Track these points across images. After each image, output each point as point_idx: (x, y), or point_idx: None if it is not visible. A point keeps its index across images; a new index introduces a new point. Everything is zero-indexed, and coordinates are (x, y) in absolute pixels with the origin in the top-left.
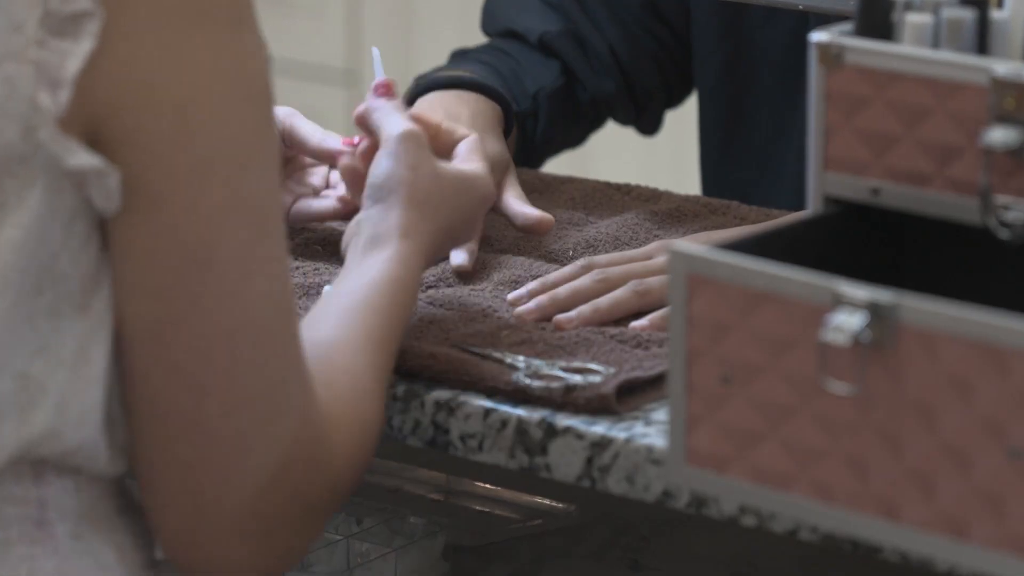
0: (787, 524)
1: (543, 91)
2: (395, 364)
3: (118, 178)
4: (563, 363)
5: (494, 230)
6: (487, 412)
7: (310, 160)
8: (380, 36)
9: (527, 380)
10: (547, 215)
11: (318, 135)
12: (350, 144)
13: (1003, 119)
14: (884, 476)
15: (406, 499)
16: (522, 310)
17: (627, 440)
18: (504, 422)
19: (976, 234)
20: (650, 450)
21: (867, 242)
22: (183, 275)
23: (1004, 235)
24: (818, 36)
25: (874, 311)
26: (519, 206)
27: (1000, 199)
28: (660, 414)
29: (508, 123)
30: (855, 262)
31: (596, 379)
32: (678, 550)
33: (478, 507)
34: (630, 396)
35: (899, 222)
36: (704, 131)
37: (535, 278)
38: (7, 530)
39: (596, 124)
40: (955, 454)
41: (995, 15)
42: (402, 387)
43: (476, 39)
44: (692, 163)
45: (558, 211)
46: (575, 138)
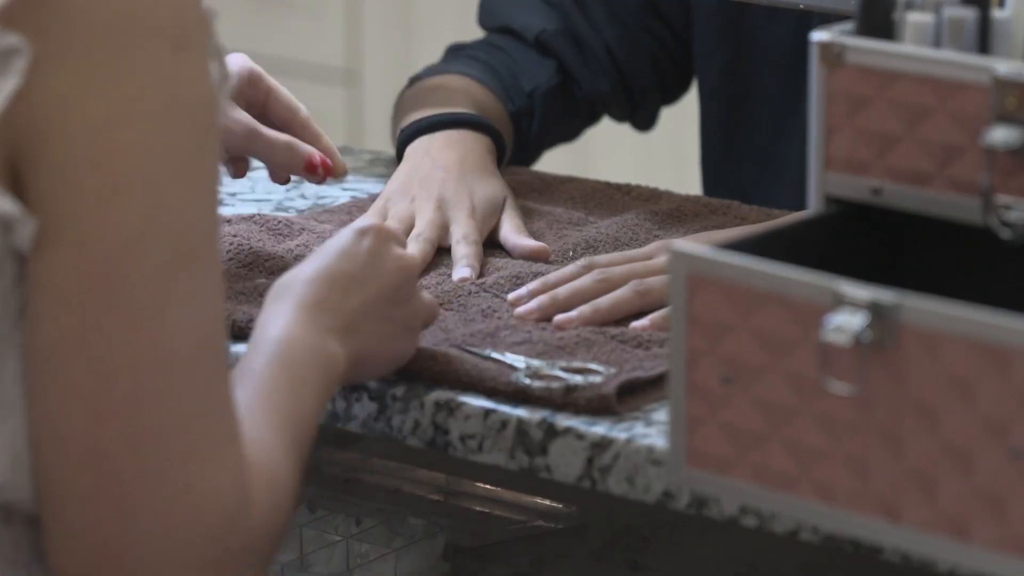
0: (788, 525)
1: (539, 90)
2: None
3: (33, 226)
4: (563, 363)
5: (494, 230)
6: (487, 413)
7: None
8: (380, 35)
9: (527, 380)
10: (542, 246)
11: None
12: (311, 170)
13: (1004, 119)
14: (885, 476)
15: (406, 500)
16: (523, 310)
17: (628, 441)
18: (504, 423)
19: (977, 234)
20: (651, 451)
21: (868, 242)
22: (88, 296)
23: (1005, 235)
24: (819, 35)
25: (875, 311)
26: (516, 239)
27: (1001, 199)
28: (661, 414)
29: (501, 150)
30: (856, 262)
31: (596, 379)
32: (678, 551)
33: (478, 508)
34: (631, 396)
35: (900, 222)
36: (705, 131)
37: (535, 278)
38: None
39: (591, 121)
40: (956, 454)
41: (996, 14)
42: (402, 387)
43: (476, 38)
44: (692, 163)
45: (558, 211)
46: (570, 134)
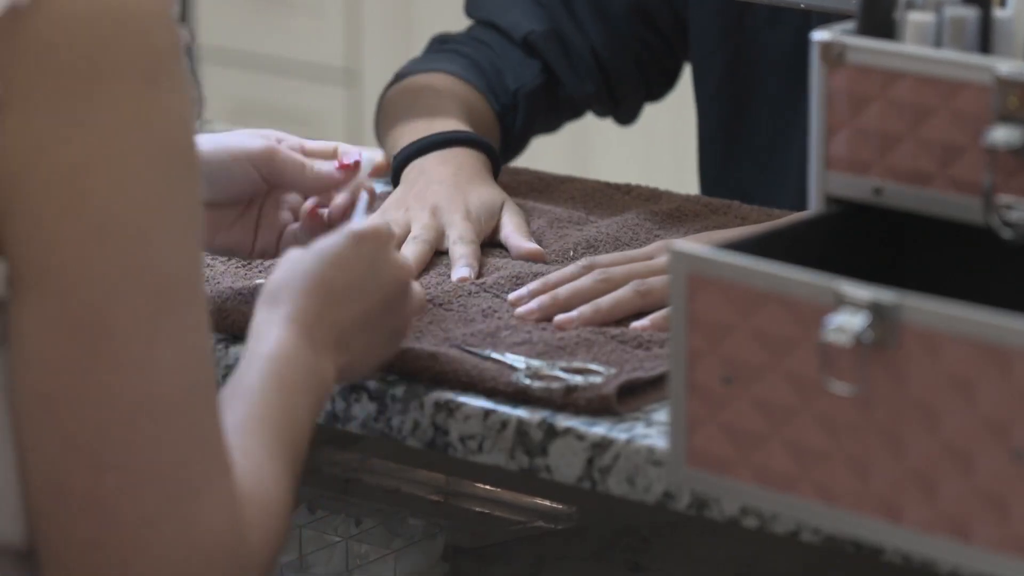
0: (789, 525)
1: (523, 89)
2: (394, 372)
3: (4, 272)
4: (563, 364)
5: (494, 232)
6: (487, 413)
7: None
8: (379, 35)
9: (527, 381)
10: (538, 249)
11: (303, 167)
12: (345, 168)
13: (1006, 118)
14: (886, 477)
15: (405, 500)
16: (523, 310)
17: (628, 441)
18: (504, 423)
19: (979, 234)
20: (651, 451)
21: (869, 242)
22: (76, 347)
23: (1007, 235)
24: (820, 35)
25: (876, 311)
26: (516, 240)
27: (1003, 199)
28: (661, 415)
29: (496, 162)
30: (857, 262)
31: (597, 380)
32: (679, 552)
33: (478, 508)
34: (631, 397)
35: (901, 222)
36: (705, 131)
37: (536, 278)
38: None
39: (574, 117)
40: (957, 455)
41: (998, 14)
42: (402, 387)
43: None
44: (693, 163)
45: (558, 210)
46: (552, 128)
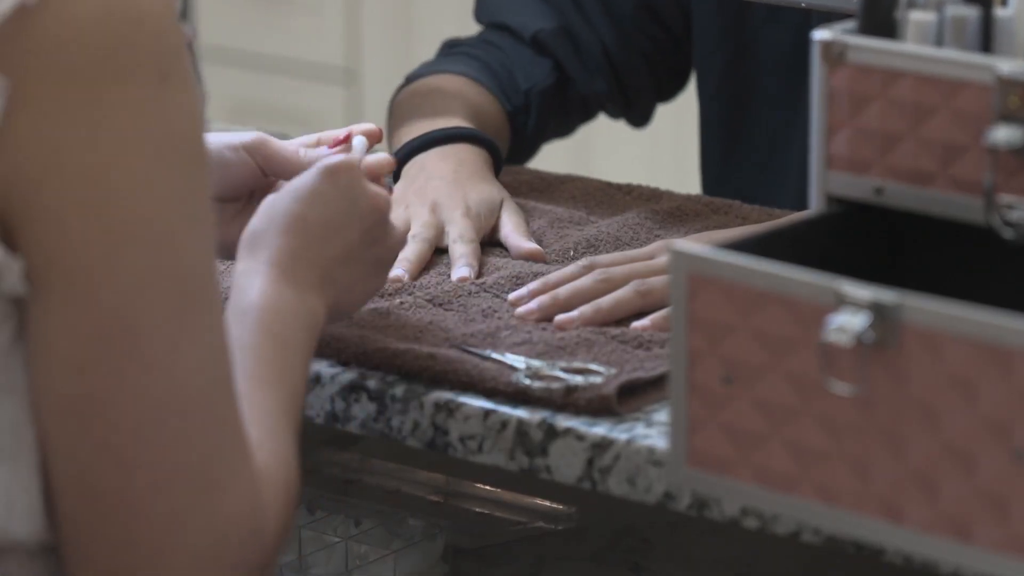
0: (789, 526)
1: (535, 88)
2: (373, 363)
3: (20, 268)
4: (564, 364)
5: (494, 231)
6: (487, 413)
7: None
8: (379, 34)
9: (527, 381)
10: (538, 249)
11: (297, 152)
12: (337, 145)
13: (1007, 118)
14: (887, 477)
15: (405, 501)
16: (523, 310)
17: (628, 441)
18: (504, 423)
19: (980, 234)
20: (651, 451)
21: (870, 242)
22: (105, 349)
23: (1008, 234)
24: (821, 34)
25: (877, 311)
26: (515, 239)
27: (1004, 198)
28: (661, 415)
29: (498, 159)
30: (858, 262)
31: (597, 380)
32: (679, 552)
33: (478, 509)
34: (631, 397)
35: (902, 222)
36: (706, 130)
37: (536, 278)
38: None
39: (586, 118)
40: (959, 455)
41: (999, 13)
42: (401, 388)
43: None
44: (693, 162)
45: (559, 210)
46: (564, 131)
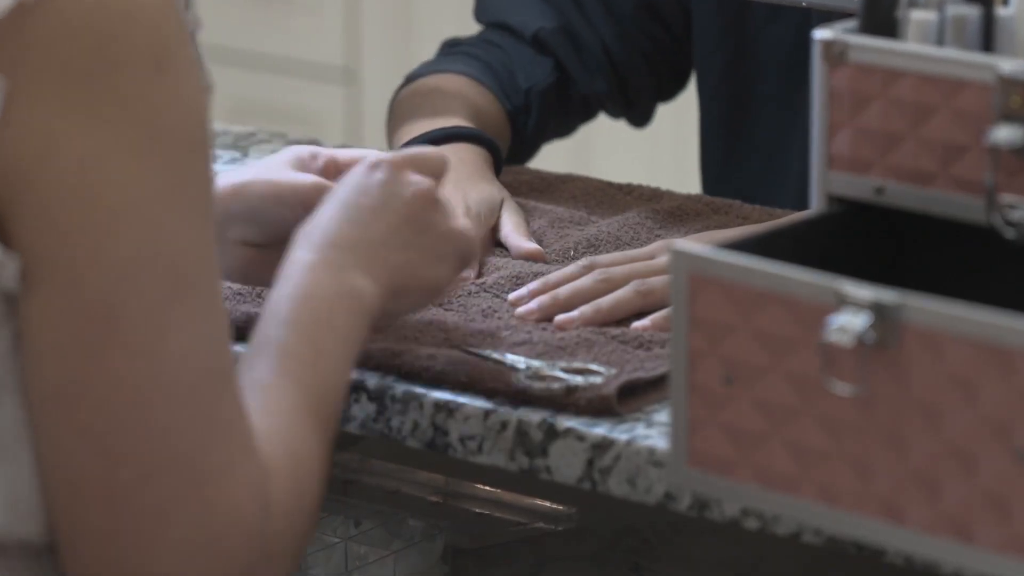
0: (790, 527)
1: (536, 88)
2: (384, 364)
3: (16, 265)
4: (564, 364)
5: (493, 230)
6: (487, 413)
7: None
8: (379, 33)
9: (527, 381)
10: (538, 249)
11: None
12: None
13: (1008, 117)
14: (888, 478)
15: (405, 501)
16: (523, 310)
17: (628, 442)
18: (504, 424)
19: (981, 234)
20: (652, 452)
21: (871, 242)
22: (88, 335)
23: (1009, 234)
24: (821, 34)
25: (878, 311)
26: (515, 239)
27: (1005, 198)
28: (662, 415)
29: (498, 158)
30: (859, 261)
31: (597, 380)
32: (680, 553)
33: (478, 509)
34: (631, 397)
35: (903, 221)
36: (706, 130)
37: (536, 278)
38: None
39: (587, 117)
40: (960, 455)
41: (1000, 12)
42: (401, 388)
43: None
44: (694, 162)
45: (559, 210)
46: (565, 131)
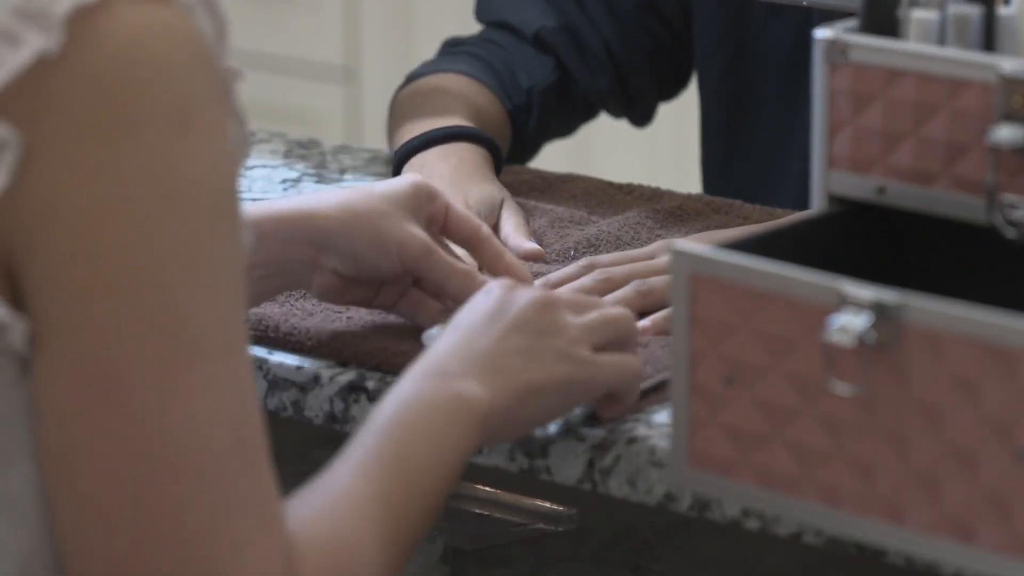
0: (791, 527)
1: (537, 87)
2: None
3: (24, 328)
4: None
5: (493, 231)
6: None
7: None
8: (378, 33)
9: None
10: (538, 249)
11: (448, 278)
12: None
13: (1010, 117)
14: (889, 478)
15: None
16: None
17: (629, 442)
18: None
19: (982, 233)
20: (652, 452)
21: (872, 241)
22: (89, 400)
23: (1011, 234)
24: (822, 33)
25: (879, 311)
26: (516, 239)
27: (1006, 198)
28: (662, 416)
29: (498, 158)
30: (860, 261)
31: None
32: (681, 554)
33: (478, 510)
34: None
35: (904, 221)
36: (707, 130)
37: (536, 278)
38: None
39: (588, 117)
40: (961, 456)
41: (1002, 12)
42: None
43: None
44: (694, 162)
45: (559, 210)
46: (566, 130)
